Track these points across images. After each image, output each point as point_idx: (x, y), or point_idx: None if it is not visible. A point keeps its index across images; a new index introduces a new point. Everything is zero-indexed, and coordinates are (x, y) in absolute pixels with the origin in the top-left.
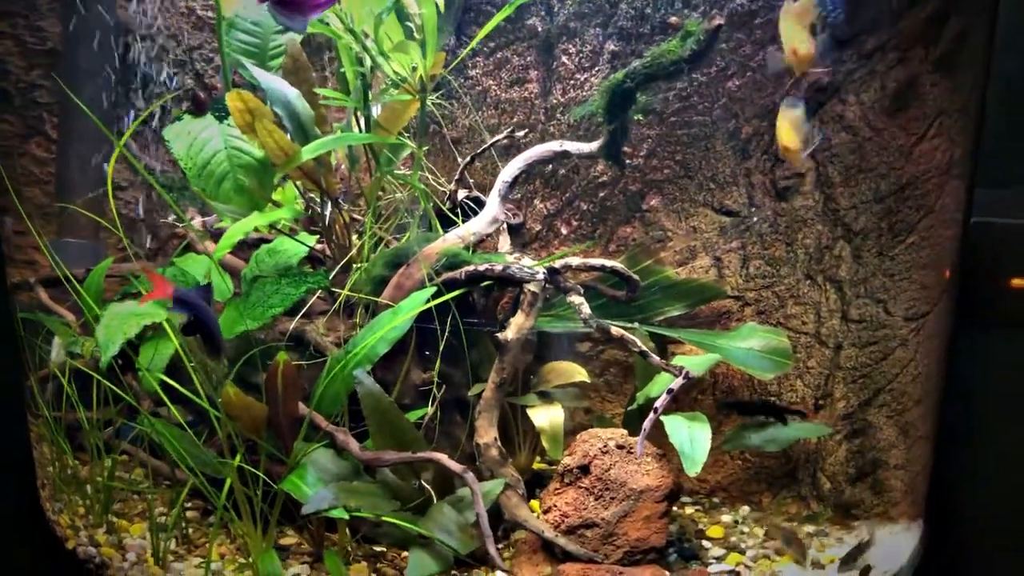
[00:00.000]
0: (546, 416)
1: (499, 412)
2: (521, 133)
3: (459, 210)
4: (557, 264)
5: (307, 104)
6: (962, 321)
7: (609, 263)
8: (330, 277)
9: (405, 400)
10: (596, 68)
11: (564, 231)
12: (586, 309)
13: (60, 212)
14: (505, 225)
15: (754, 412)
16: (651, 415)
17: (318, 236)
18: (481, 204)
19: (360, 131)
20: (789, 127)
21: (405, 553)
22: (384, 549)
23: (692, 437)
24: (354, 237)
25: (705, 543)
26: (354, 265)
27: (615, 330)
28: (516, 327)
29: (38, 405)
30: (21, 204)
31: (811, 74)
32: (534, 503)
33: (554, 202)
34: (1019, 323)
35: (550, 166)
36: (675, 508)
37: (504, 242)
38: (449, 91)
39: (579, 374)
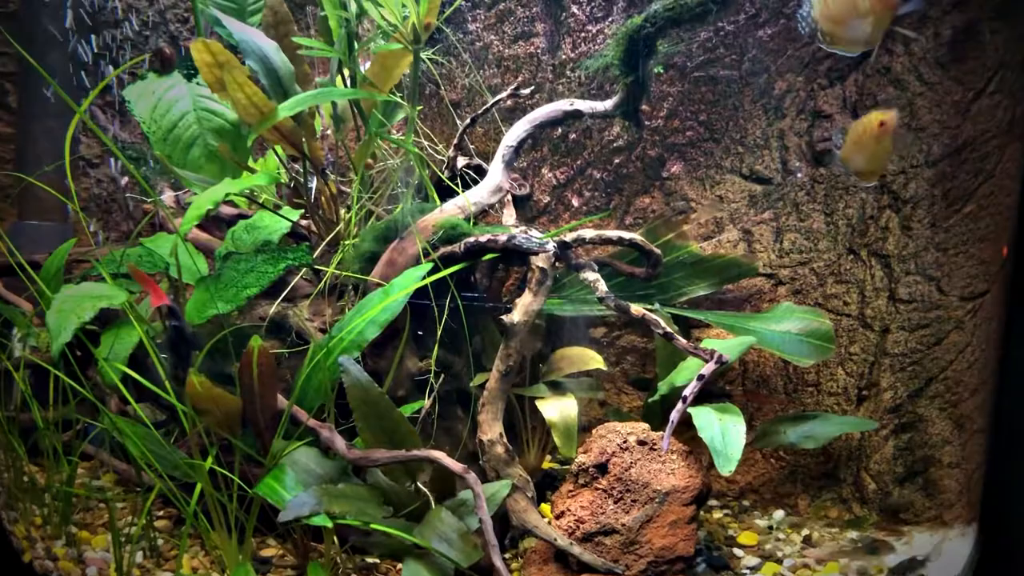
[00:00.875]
0: (557, 409)
1: (505, 405)
2: (527, 92)
3: (458, 180)
4: (568, 237)
5: (287, 59)
6: (1018, 300)
7: (627, 235)
8: (315, 254)
9: (399, 392)
10: (610, 18)
11: (575, 203)
12: (602, 286)
13: (20, 189)
14: (509, 197)
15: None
16: (679, 406)
17: (302, 211)
18: (482, 172)
19: (346, 87)
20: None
21: (400, 565)
22: (376, 560)
23: (724, 431)
24: (342, 211)
25: (737, 551)
26: (342, 241)
27: (636, 310)
28: (523, 308)
29: None
30: None
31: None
32: (545, 507)
33: (564, 170)
34: None
35: (559, 129)
36: (701, 512)
37: (509, 215)
38: (446, 47)
39: (594, 361)
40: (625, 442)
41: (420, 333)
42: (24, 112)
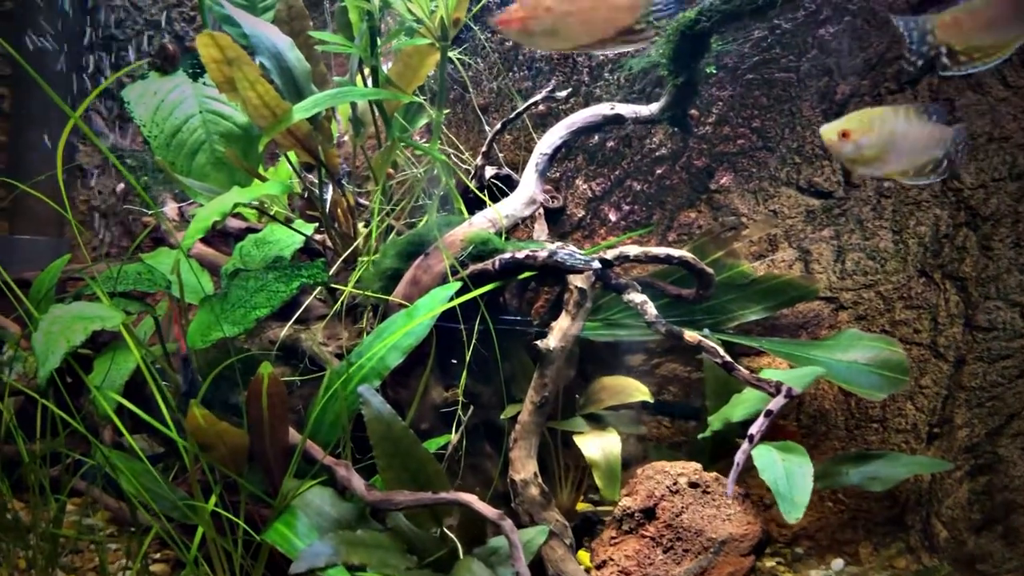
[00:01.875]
0: (599, 446)
1: (539, 440)
2: (563, 95)
3: (486, 191)
4: (609, 254)
5: (302, 56)
6: None
7: (677, 253)
8: (330, 272)
9: (422, 424)
10: None
11: (613, 217)
12: (651, 310)
13: (11, 201)
14: (541, 210)
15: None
16: (744, 446)
17: (317, 224)
18: (512, 183)
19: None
20: None
21: None
22: None
23: (789, 473)
24: (360, 225)
25: None
26: (360, 257)
27: (691, 336)
28: (560, 333)
29: None
30: None
31: None
32: (583, 555)
33: (600, 182)
34: None
35: (595, 136)
36: None
37: (540, 230)
38: (473, 46)
39: (639, 393)
40: (675, 484)
41: (454, 361)
42: (19, 118)
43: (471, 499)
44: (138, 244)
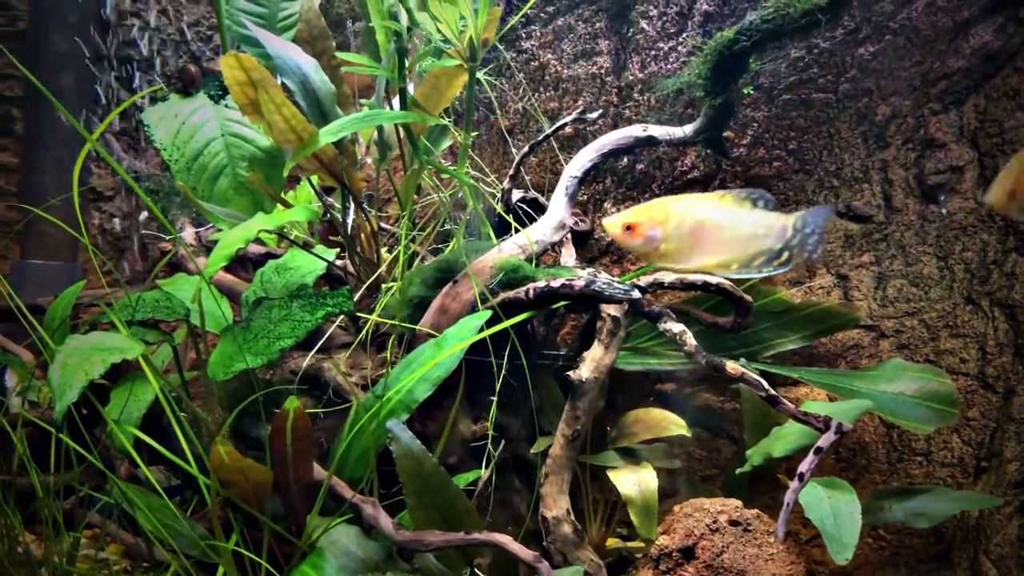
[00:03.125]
0: (634, 481)
1: (571, 475)
2: (594, 116)
3: (512, 215)
4: (643, 281)
5: (327, 78)
6: None
7: (714, 279)
8: (354, 299)
9: (450, 459)
10: (684, 34)
11: None
12: (691, 340)
13: (24, 225)
14: (569, 235)
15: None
16: (794, 484)
17: (339, 249)
18: (539, 207)
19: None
20: None
21: None
22: None
23: (836, 512)
24: (383, 250)
25: None
26: (384, 285)
27: (733, 368)
28: (593, 363)
29: None
30: None
31: None
32: None
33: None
34: None
35: (624, 159)
36: None
37: (568, 255)
38: (499, 66)
39: (676, 426)
40: (715, 522)
41: (492, 398)
42: (31, 140)
43: (505, 540)
44: (157, 271)
